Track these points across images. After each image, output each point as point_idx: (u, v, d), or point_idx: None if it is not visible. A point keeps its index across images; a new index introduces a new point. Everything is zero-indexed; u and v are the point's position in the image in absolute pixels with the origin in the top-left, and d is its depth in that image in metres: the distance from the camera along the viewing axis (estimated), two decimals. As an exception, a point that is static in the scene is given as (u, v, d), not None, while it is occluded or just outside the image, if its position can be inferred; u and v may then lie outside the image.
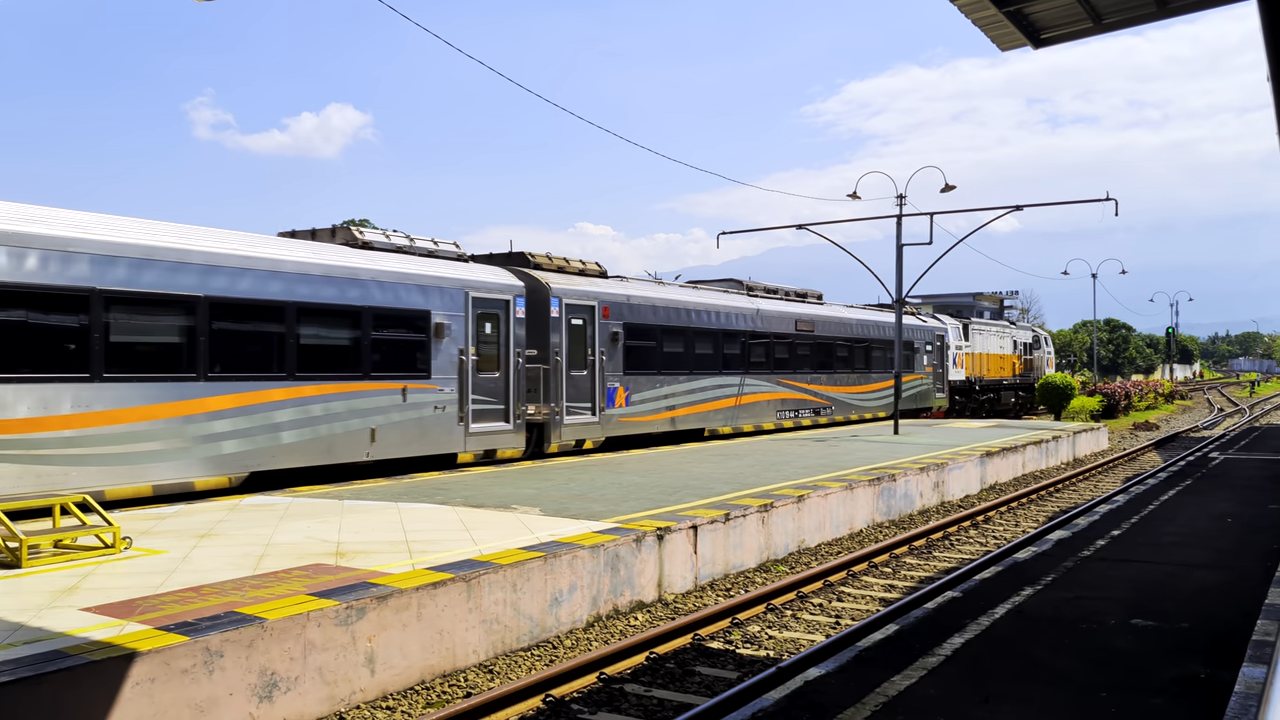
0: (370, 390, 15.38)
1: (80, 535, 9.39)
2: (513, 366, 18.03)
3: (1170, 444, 32.81)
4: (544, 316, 19.00)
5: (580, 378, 19.84)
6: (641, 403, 21.55)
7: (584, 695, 7.62)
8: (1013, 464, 22.00)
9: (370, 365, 15.45)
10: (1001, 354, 45.05)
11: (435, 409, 16.49)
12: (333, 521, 11.06)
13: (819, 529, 13.69)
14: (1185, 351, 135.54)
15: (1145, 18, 11.01)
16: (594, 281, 20.91)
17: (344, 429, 14.92)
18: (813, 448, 20.95)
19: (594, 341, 20.14)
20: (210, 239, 13.60)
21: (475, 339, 17.28)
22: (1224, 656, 6.94)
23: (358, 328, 15.26)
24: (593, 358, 20.11)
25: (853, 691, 6.33)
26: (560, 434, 19.32)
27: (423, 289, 16.36)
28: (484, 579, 8.31)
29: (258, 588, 7.72)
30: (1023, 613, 8.37)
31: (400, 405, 15.89)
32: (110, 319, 12.09)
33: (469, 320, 17.11)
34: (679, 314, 22.96)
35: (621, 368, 20.91)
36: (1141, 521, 13.41)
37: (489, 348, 17.66)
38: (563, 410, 19.31)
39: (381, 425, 15.53)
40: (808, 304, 29.64)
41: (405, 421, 15.97)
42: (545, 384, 19.00)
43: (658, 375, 22.06)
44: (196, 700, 6.25)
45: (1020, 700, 6.13)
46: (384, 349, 15.70)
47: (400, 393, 15.88)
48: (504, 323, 17.92)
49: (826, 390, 29.06)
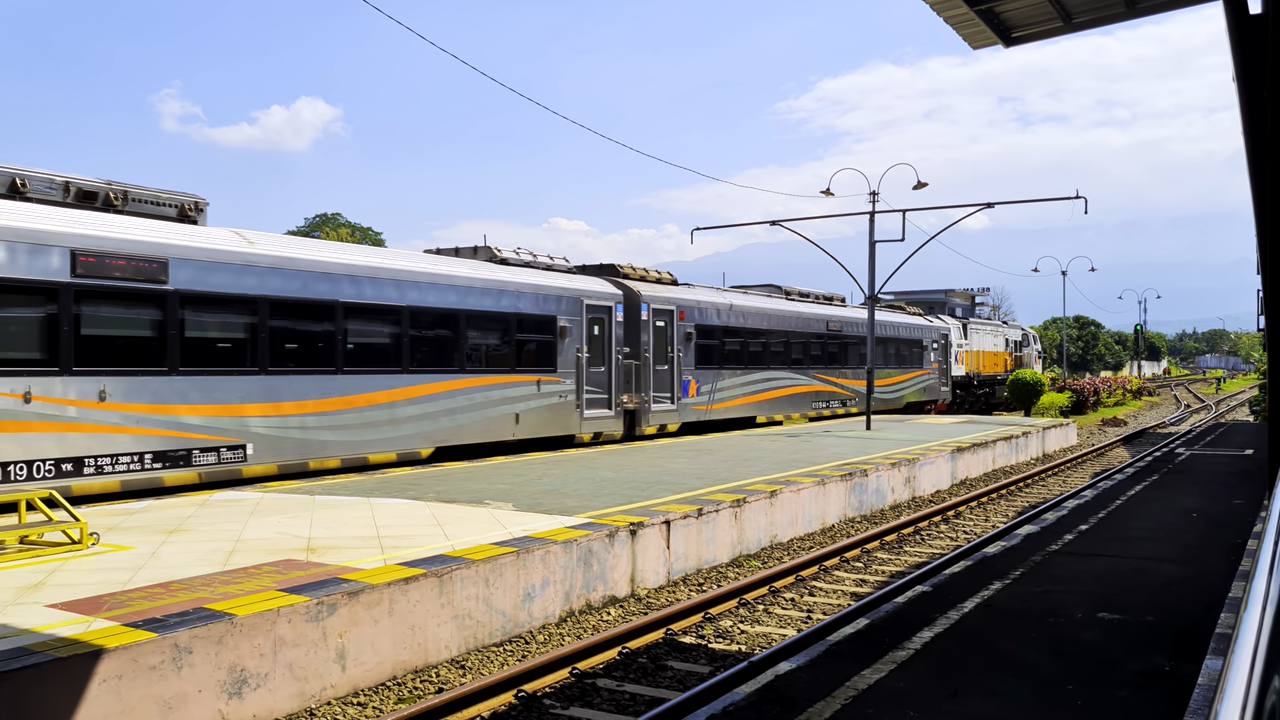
0: (515, 382, 18.57)
1: (46, 531, 9.29)
2: (614, 363, 21.25)
3: (1138, 440, 33.20)
4: (636, 320, 22.12)
5: (662, 372, 22.94)
6: (708, 394, 24.67)
7: (556, 690, 7.63)
8: (983, 459, 22.19)
9: (514, 361, 18.61)
10: (995, 351, 48.37)
11: (560, 398, 19.68)
12: (304, 517, 10.99)
13: (791, 524, 13.76)
14: (1153, 348, 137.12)
15: (1114, 17, 11.14)
16: (671, 289, 24.06)
17: (498, 413, 18.18)
18: (786, 443, 21.04)
19: (673, 341, 23.23)
20: (405, 260, 17.05)
21: (587, 339, 20.46)
22: (1188, 649, 7.04)
23: (506, 330, 18.48)
24: (672, 355, 23.19)
25: (823, 685, 6.37)
26: (649, 420, 22.51)
27: (551, 298, 19.56)
28: (456, 574, 8.29)
29: (228, 584, 7.67)
30: (991, 607, 8.45)
31: (536, 394, 19.06)
32: (348, 324, 15.32)
33: (584, 324, 20.36)
34: (736, 316, 25.98)
35: (693, 364, 23.98)
36: (1109, 516, 13.57)
37: (596, 346, 20.80)
38: (650, 399, 22.45)
39: (523, 410, 18.76)
40: (834, 306, 32.62)
41: (540, 408, 19.18)
42: (637, 377, 22.12)
43: (720, 370, 25.16)
44: (165, 697, 6.20)
45: (988, 693, 6.20)
46: (524, 348, 18.86)
47: (536, 384, 19.03)
48: (607, 325, 21.16)
49: (851, 384, 31.84)
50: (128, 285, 12.47)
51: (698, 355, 24.12)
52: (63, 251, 11.80)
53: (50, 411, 11.66)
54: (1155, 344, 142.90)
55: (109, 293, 12.32)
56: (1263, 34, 8.27)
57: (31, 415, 11.46)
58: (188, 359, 13.19)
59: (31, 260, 11.50)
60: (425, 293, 16.61)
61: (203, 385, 13.33)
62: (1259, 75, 8.92)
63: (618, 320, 21.47)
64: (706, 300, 24.88)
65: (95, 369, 12.16)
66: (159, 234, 13.03)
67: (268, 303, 14.12)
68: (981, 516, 16.70)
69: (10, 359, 11.40)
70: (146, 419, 12.64)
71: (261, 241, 14.60)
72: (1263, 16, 8.65)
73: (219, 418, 13.48)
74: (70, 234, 11.95)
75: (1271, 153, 7.37)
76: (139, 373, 12.64)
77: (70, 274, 11.86)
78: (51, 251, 11.70)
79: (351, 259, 15.75)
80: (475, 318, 17.68)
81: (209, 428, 13.36)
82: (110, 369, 12.33)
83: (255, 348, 14.04)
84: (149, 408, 12.68)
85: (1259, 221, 11.11)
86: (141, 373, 12.68)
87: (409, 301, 16.27)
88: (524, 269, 19.87)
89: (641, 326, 22.16)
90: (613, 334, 21.19)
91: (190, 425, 13.14)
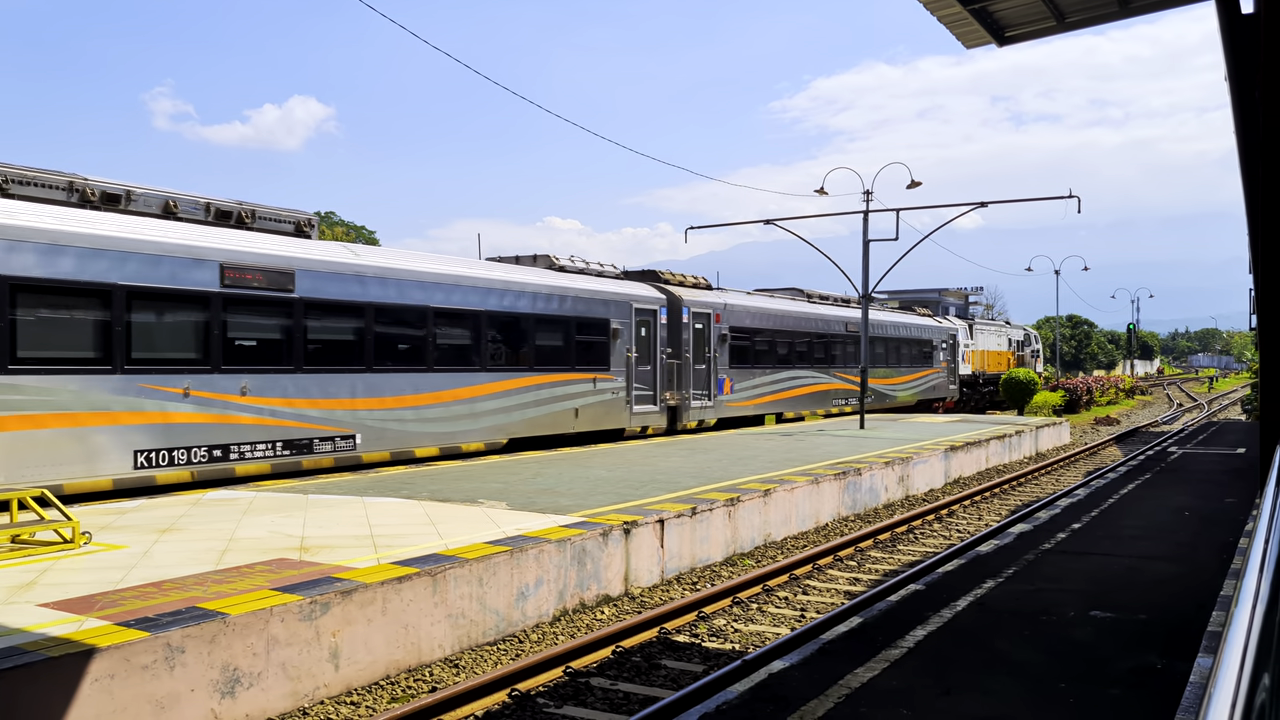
0: (575, 380, 20.14)
1: (38, 530, 9.26)
2: (659, 362, 22.91)
3: (1131, 439, 33.28)
4: (677, 322, 23.64)
5: (701, 371, 24.42)
6: (741, 391, 26.21)
7: (550, 689, 7.63)
8: (976, 458, 22.23)
9: (574, 360, 20.11)
10: (999, 350, 50.37)
11: (613, 394, 21.29)
12: (297, 516, 10.97)
13: (785, 523, 13.77)
14: (1146, 347, 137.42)
15: (1107, 17, 11.15)
16: (707, 293, 25.55)
17: (560, 408, 19.74)
18: (780, 442, 21.05)
19: (710, 342, 24.77)
20: (483, 269, 18.72)
21: (635, 340, 22.04)
22: (1180, 647, 7.06)
23: (567, 333, 19.98)
24: (709, 355, 24.73)
25: (816, 683, 6.38)
26: (689, 415, 24.01)
27: (605, 302, 21.22)
28: (449, 573, 8.28)
29: (220, 583, 7.66)
30: (984, 605, 8.47)
31: (593, 391, 20.65)
32: (437, 328, 16.91)
33: (633, 326, 21.94)
34: (766, 318, 27.64)
35: (728, 363, 25.47)
36: (1101, 515, 13.60)
37: (643, 347, 22.40)
38: (690, 396, 23.93)
39: (581, 406, 20.34)
40: (851, 308, 33.81)
41: (596, 403, 20.79)
42: (678, 376, 23.64)
43: (752, 369, 26.74)
44: (157, 696, 6.19)
45: (981, 691, 6.21)
46: (582, 348, 20.35)
47: (592, 382, 20.60)
48: (653, 327, 22.72)
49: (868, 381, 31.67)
50: (263, 294, 14.21)
51: (731, 355, 25.65)
52: (213, 265, 13.52)
53: (204, 405, 13.40)
54: (1148, 343, 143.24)
55: (248, 300, 14.03)
56: (1255, 33, 8.28)
57: (190, 407, 13.20)
58: (309, 359, 14.88)
59: (190, 273, 13.25)
60: (501, 298, 18.35)
61: (321, 382, 15.01)
62: (1251, 75, 8.94)
63: (662, 323, 23.10)
64: (739, 304, 26.41)
65: (238, 368, 13.87)
66: (286, 248, 14.71)
67: (373, 308, 15.81)
68: (975, 515, 16.73)
69: (173, 359, 13.14)
70: (277, 411, 14.36)
71: (365, 253, 16.58)
72: (1255, 16, 8.67)
73: (333, 411, 15.19)
74: (219, 249, 13.67)
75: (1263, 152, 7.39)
76: (271, 371, 14.34)
77: (219, 284, 13.59)
78: (206, 265, 13.43)
79: (439, 268, 17.38)
80: (542, 321, 19.36)
81: (326, 419, 15.05)
82: (249, 367, 14.04)
83: (362, 348, 15.70)
84: (279, 401, 14.39)
85: (1251, 221, 11.13)
86: (273, 371, 14.36)
87: (488, 306, 18.00)
88: (579, 275, 21.56)
89: (682, 328, 23.73)
90: (658, 335, 22.84)
91: (311, 417, 14.84)
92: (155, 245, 12.87)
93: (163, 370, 12.93)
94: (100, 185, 13.30)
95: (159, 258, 12.87)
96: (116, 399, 12.39)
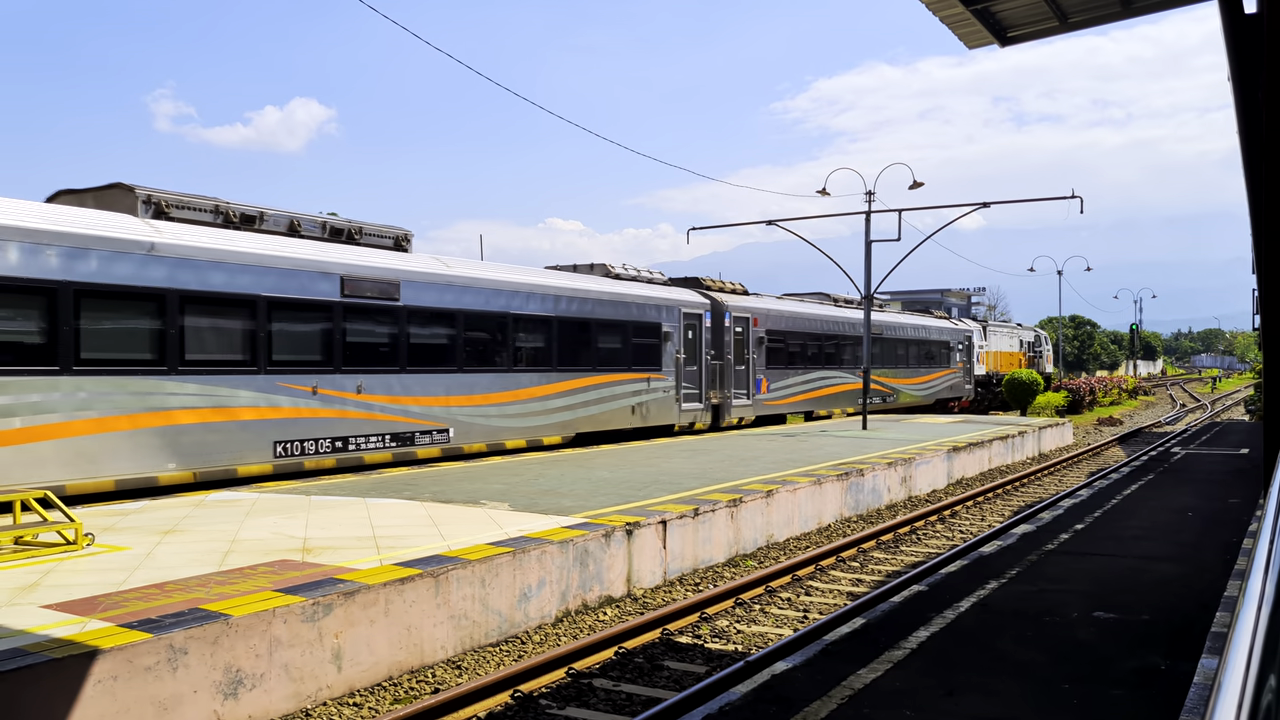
0: (632, 379, 21.98)
1: (41, 532, 9.26)
2: (704, 363, 24.59)
3: (1133, 439, 33.24)
4: (720, 326, 25.27)
5: (740, 371, 26.12)
6: (776, 390, 27.90)
7: (552, 690, 7.62)
8: (979, 459, 22.21)
9: (630, 361, 21.93)
10: (1011, 351, 52.47)
11: (664, 393, 23.12)
12: (300, 517, 10.98)
13: (787, 524, 13.76)
14: (1149, 348, 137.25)
15: (1110, 17, 11.14)
16: (745, 298, 27.29)
17: (619, 405, 21.58)
18: (782, 443, 21.04)
19: (749, 344, 26.45)
20: (554, 278, 20.48)
21: (683, 343, 23.76)
22: (1184, 648, 7.05)
23: (625, 336, 21.78)
24: (748, 356, 26.43)
25: (819, 684, 6.37)
26: (730, 412, 25.69)
27: (657, 307, 23.00)
28: (452, 575, 8.28)
29: (223, 584, 7.66)
30: (987, 606, 8.46)
31: (647, 389, 22.49)
32: (517, 332, 18.79)
33: (681, 329, 23.67)
34: (798, 322, 29.39)
35: (764, 364, 27.14)
36: (1104, 515, 13.58)
37: (690, 349, 24.12)
38: (731, 395, 25.59)
39: (637, 403, 22.18)
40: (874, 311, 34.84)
41: (650, 401, 22.65)
42: (720, 376, 25.28)
43: (786, 369, 28.49)
44: (160, 698, 6.19)
45: (984, 692, 6.20)
46: (638, 350, 22.16)
47: (647, 381, 22.42)
48: (699, 331, 24.45)
49: (890, 381, 35.30)
50: (374, 303, 15.92)
51: (767, 357, 27.35)
52: (335, 278, 15.30)
53: (328, 401, 15.16)
54: (1151, 343, 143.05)
55: (363, 309, 15.75)
56: (1258, 33, 8.28)
57: (317, 404, 14.98)
58: (411, 360, 16.54)
59: (317, 285, 15.01)
60: (569, 304, 20.15)
61: (420, 381, 16.67)
62: (1254, 75, 8.93)
63: (706, 326, 24.79)
64: (774, 309, 28.14)
65: (354, 369, 15.56)
66: (392, 262, 16.45)
67: (463, 315, 17.54)
68: (978, 516, 16.71)
69: (304, 361, 14.88)
70: (386, 407, 16.06)
71: (455, 265, 18.16)
72: (1258, 16, 8.66)
73: (431, 407, 16.87)
74: (339, 264, 15.46)
75: (1266, 152, 7.38)
76: (380, 371, 16.02)
77: (340, 295, 15.33)
78: (329, 278, 15.20)
79: (517, 278, 19.20)
80: (604, 325, 21.20)
81: (424, 415, 16.74)
82: (363, 368, 15.72)
83: (454, 351, 17.41)
84: (387, 398, 16.09)
85: (1254, 221, 11.12)
86: (382, 371, 16.05)
87: (558, 312, 19.80)
88: (632, 282, 23.34)
89: (724, 331, 25.36)
90: (703, 338, 24.59)
91: (413, 412, 16.52)
92: (290, 261, 14.68)
93: (296, 371, 14.75)
94: (240, 208, 14.96)
95: (294, 272, 14.72)
96: (261, 396, 14.22)
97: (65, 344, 12.05)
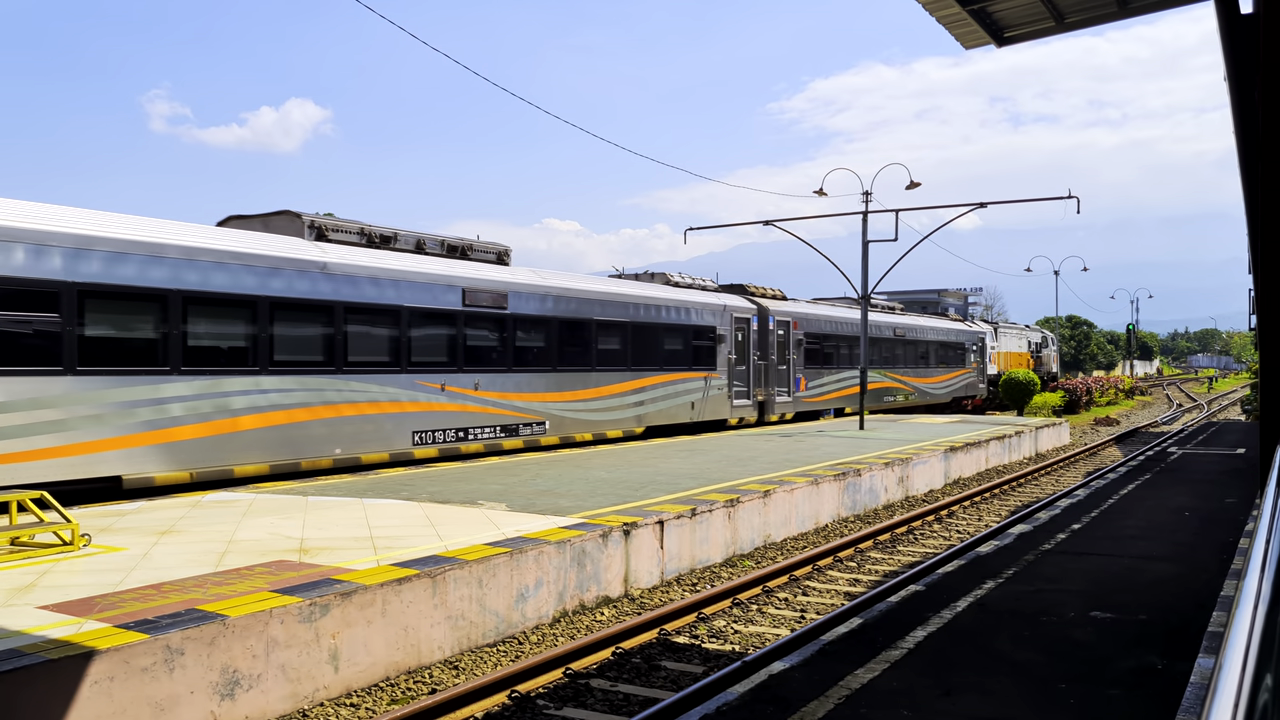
0: (692, 378, 24.04)
1: (38, 533, 9.25)
2: (751, 363, 26.63)
3: (1130, 439, 33.28)
4: (765, 329, 27.32)
5: (782, 371, 28.15)
6: (812, 389, 29.84)
7: (550, 691, 7.62)
8: (976, 459, 22.23)
9: (690, 361, 23.99)
10: (1020, 352, 55.13)
11: (718, 390, 25.09)
12: (296, 518, 10.96)
13: (785, 524, 13.77)
14: (1145, 348, 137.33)
15: (1106, 17, 11.15)
16: (785, 303, 29.52)
17: (681, 401, 23.71)
18: (779, 443, 21.05)
19: (789, 345, 28.43)
20: (629, 287, 22.80)
21: (734, 345, 25.74)
22: (1180, 648, 7.05)
23: (685, 339, 23.84)
24: (790, 357, 28.49)
25: (816, 684, 6.37)
26: (774, 409, 27.80)
27: (713, 312, 25.01)
28: (449, 575, 8.28)
29: (220, 585, 7.65)
30: (984, 606, 8.46)
31: (704, 387, 24.50)
32: (598, 335, 20.99)
33: (732, 332, 25.67)
34: (832, 325, 31.26)
35: (803, 364, 29.15)
36: (1101, 515, 13.60)
37: (740, 350, 26.07)
38: (774, 393, 27.66)
39: (696, 400, 24.26)
40: (897, 314, 38.04)
41: (707, 398, 24.63)
42: (765, 375, 27.32)
43: (821, 369, 30.40)
44: (156, 698, 6.18)
45: (981, 692, 6.20)
46: (696, 351, 24.19)
47: (704, 380, 24.46)
48: (747, 333, 26.48)
49: (912, 380, 37.37)
50: (488, 311, 18.15)
51: (806, 358, 29.32)
52: (458, 290, 17.53)
53: (453, 397, 17.35)
54: (1147, 343, 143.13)
55: (479, 316, 17.97)
56: (1254, 34, 8.28)
57: (444, 399, 17.17)
58: (516, 360, 18.76)
59: (445, 296, 17.23)
60: (641, 311, 22.36)
61: (523, 379, 18.92)
62: (1250, 75, 8.93)
63: (754, 329, 26.79)
64: (812, 313, 30.21)
65: (473, 368, 17.79)
66: (500, 275, 18.77)
67: (556, 320, 19.82)
68: (975, 516, 16.72)
69: (434, 362, 17.02)
70: (496, 403, 18.28)
71: (549, 277, 20.44)
72: (1254, 16, 8.66)
73: (531, 402, 19.09)
74: (461, 277, 17.70)
75: (1263, 152, 7.39)
76: (492, 370, 18.23)
77: (461, 304, 17.54)
78: (454, 290, 17.43)
79: (598, 287, 21.50)
80: (669, 329, 23.36)
81: (526, 409, 18.95)
82: (479, 368, 17.93)
83: (549, 353, 19.59)
84: (498, 394, 18.29)
85: (1250, 221, 11.13)
86: (493, 370, 18.24)
87: (631, 318, 21.98)
88: (689, 289, 25.38)
89: (769, 334, 27.36)
90: (751, 340, 26.60)
91: (516, 407, 18.72)
92: (425, 276, 16.93)
93: (429, 370, 16.91)
94: (379, 230, 17.28)
95: (428, 285, 16.96)
96: (403, 392, 16.42)
97: (263, 348, 14.32)
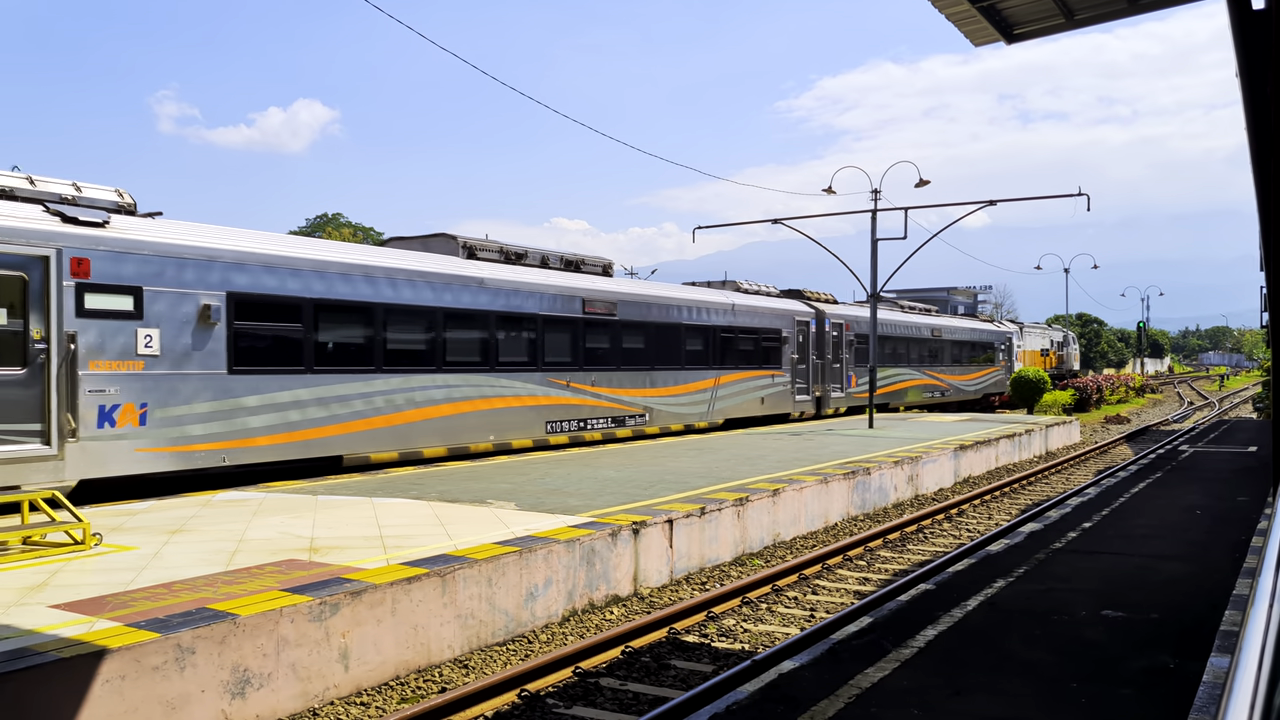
0: (760, 376, 26.56)
1: (49, 532, 9.29)
2: (810, 362, 29.11)
3: (1141, 437, 33.15)
4: (821, 330, 29.75)
5: (836, 369, 30.60)
6: (861, 386, 31.62)
7: (559, 690, 7.62)
8: (986, 457, 22.16)
9: (760, 361, 26.55)
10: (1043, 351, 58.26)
11: (783, 387, 27.69)
12: (306, 517, 10.99)
13: (794, 523, 13.74)
14: (1156, 346, 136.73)
15: (1116, 14, 11.09)
16: (838, 306, 32.22)
17: (753, 397, 26.29)
18: (789, 441, 21.02)
19: (842, 346, 30.88)
20: (708, 294, 25.29)
21: (796, 345, 28.24)
22: (1193, 647, 7.02)
23: (756, 340, 26.33)
24: (843, 356, 30.98)
25: (826, 684, 6.36)
26: (830, 404, 30.19)
27: (779, 315, 27.57)
28: (459, 574, 8.28)
29: (230, 584, 7.67)
30: (995, 605, 8.43)
31: (770, 384, 27.03)
32: (686, 337, 23.48)
33: (795, 334, 28.16)
34: (881, 327, 32.10)
35: (854, 363, 31.49)
36: (1112, 514, 13.54)
37: (800, 350, 28.55)
38: (829, 390, 30.16)
39: (764, 396, 26.78)
40: (933, 316, 40.39)
41: (773, 394, 27.19)
42: (822, 373, 29.76)
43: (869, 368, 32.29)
44: (168, 697, 6.20)
45: (992, 691, 6.18)
46: (764, 351, 26.73)
47: (770, 378, 26.99)
48: (807, 335, 28.91)
49: (947, 378, 39.49)
50: (602, 317, 20.74)
51: (855, 357, 31.51)
52: (579, 299, 20.13)
53: (576, 392, 19.94)
54: (1158, 341, 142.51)
55: (595, 322, 20.55)
56: (1266, 30, 8.23)
57: (569, 394, 19.73)
58: (623, 361, 21.39)
59: (569, 304, 19.79)
60: (719, 315, 24.85)
61: (627, 377, 21.48)
62: (1262, 71, 8.88)
63: (812, 331, 29.16)
64: (861, 315, 32.08)
65: (590, 367, 20.34)
66: (610, 285, 21.44)
67: (654, 326, 22.44)
68: (985, 514, 16.67)
69: (562, 362, 19.62)
70: (608, 397, 20.87)
71: (647, 287, 23.60)
72: (1266, 12, 8.61)
73: (634, 397, 21.71)
74: (581, 289, 20.31)
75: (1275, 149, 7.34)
76: (605, 369, 20.81)
77: (581, 312, 20.17)
78: (576, 299, 20.05)
79: (686, 294, 24.17)
80: (744, 332, 25.80)
81: (630, 403, 21.58)
82: (595, 367, 20.49)
83: (648, 354, 22.18)
84: (609, 389, 20.91)
85: (1262, 218, 11.07)
86: (606, 369, 20.83)
87: (712, 322, 24.54)
88: (755, 295, 27.86)
89: (825, 335, 29.76)
90: (810, 341, 29.02)
91: (624, 401, 21.36)
92: (555, 288, 19.49)
93: (558, 369, 19.45)
94: (513, 248, 19.88)
95: (557, 296, 19.49)
96: (538, 388, 18.96)
97: (439, 350, 16.90)
